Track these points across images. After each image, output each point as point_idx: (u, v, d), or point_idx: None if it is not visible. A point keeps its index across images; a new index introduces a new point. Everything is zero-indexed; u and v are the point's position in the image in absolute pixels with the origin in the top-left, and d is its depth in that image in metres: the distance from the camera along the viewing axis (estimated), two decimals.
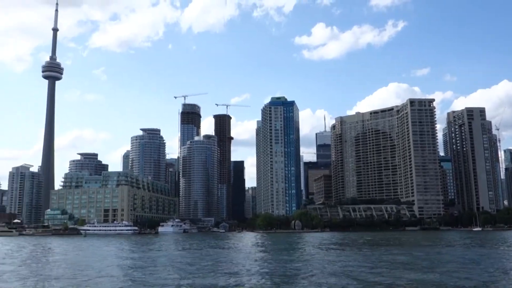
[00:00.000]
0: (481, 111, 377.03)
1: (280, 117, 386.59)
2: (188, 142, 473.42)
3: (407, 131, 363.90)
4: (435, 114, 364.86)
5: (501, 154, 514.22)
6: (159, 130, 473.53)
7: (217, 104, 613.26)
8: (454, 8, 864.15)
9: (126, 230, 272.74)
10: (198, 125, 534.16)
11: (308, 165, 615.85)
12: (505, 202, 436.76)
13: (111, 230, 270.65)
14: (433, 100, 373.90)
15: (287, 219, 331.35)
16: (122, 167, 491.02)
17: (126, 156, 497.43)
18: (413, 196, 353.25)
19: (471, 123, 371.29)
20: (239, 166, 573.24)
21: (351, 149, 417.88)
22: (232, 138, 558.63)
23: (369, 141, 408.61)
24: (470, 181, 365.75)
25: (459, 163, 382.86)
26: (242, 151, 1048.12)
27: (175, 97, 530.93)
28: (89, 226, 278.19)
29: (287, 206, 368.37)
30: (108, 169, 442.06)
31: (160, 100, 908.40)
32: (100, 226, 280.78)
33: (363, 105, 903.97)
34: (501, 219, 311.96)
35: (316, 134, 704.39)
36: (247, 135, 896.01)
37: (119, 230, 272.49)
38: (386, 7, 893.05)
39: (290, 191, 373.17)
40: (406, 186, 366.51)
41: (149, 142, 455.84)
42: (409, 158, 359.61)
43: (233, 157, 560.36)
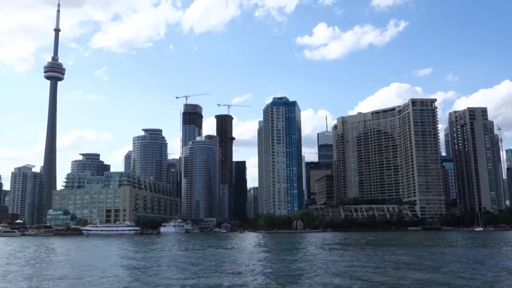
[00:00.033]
0: (483, 111, 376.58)
1: (282, 117, 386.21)
2: (190, 143, 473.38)
3: (409, 131, 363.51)
4: (437, 114, 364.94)
5: (503, 154, 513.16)
6: (161, 131, 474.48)
7: (218, 104, 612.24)
8: (456, 7, 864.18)
9: (128, 230, 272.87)
10: (200, 126, 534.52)
11: (310, 165, 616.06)
12: (507, 202, 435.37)
13: (113, 231, 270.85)
14: (435, 100, 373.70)
15: (289, 219, 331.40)
16: (124, 168, 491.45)
17: (128, 157, 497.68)
18: (415, 196, 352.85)
19: (473, 123, 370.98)
20: (241, 166, 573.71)
21: (353, 149, 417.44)
22: (234, 138, 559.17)
23: (371, 141, 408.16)
24: (472, 181, 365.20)
25: (461, 163, 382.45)
26: (244, 151, 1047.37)
27: (177, 97, 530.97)
28: (91, 227, 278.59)
29: (289, 206, 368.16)
30: (110, 170, 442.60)
31: (162, 101, 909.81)
32: (102, 227, 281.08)
33: (365, 105, 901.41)
34: (503, 219, 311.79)
35: (318, 134, 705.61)
36: (249, 135, 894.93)
37: (121, 230, 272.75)
38: (387, 7, 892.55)
39: (292, 191, 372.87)
40: (408, 186, 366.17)
41: (151, 142, 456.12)
42: (411, 158, 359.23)
43: (235, 158, 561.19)
